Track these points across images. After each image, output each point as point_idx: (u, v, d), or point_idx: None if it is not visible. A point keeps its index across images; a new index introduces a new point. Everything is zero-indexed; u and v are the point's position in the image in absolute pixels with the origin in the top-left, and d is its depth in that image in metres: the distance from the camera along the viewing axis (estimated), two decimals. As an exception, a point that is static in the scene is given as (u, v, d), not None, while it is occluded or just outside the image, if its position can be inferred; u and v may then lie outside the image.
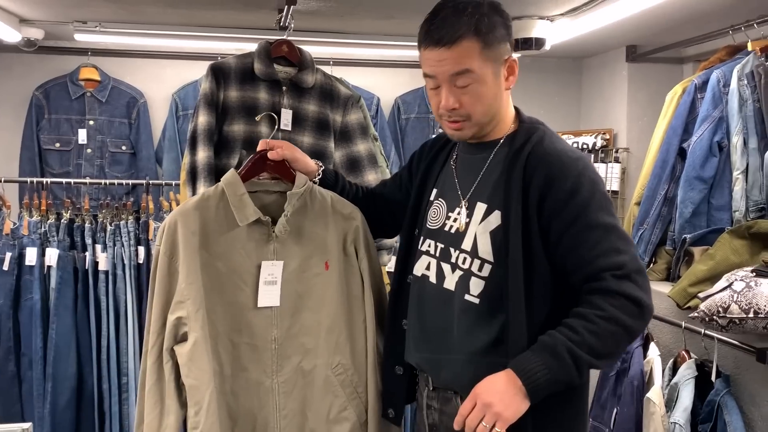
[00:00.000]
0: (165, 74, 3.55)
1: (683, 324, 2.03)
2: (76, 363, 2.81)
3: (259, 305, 1.65)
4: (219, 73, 2.23)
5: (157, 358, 1.60)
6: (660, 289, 2.28)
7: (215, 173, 2.21)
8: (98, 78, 3.38)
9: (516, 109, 1.53)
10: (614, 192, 3.30)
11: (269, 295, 1.67)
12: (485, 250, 1.43)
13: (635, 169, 3.28)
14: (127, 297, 2.85)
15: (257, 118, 2.10)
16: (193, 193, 2.18)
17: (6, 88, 3.40)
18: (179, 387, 1.60)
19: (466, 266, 1.45)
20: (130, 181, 3.09)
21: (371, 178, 2.34)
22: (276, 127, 2.24)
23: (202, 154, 2.17)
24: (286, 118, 2.27)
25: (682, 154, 2.35)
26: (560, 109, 3.88)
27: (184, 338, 1.60)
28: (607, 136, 3.45)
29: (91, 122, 3.37)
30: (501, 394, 1.29)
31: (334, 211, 1.71)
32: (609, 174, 3.30)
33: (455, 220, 1.51)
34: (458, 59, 1.40)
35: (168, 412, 1.60)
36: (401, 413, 1.65)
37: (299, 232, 1.68)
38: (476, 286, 1.43)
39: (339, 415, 1.69)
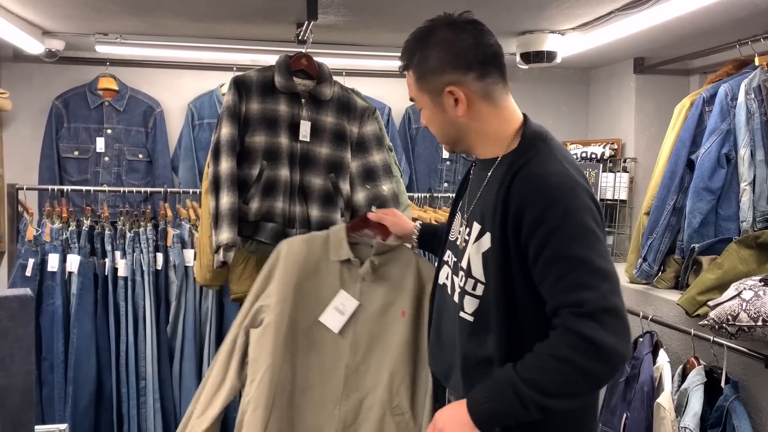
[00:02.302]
0: (181, 84, 3.62)
1: (692, 331, 2.08)
2: (96, 367, 2.87)
3: (319, 318, 1.93)
4: (241, 86, 2.30)
5: (236, 335, 1.95)
6: (669, 297, 2.33)
7: (238, 183, 2.28)
8: (116, 87, 3.46)
9: (525, 122, 1.48)
10: (622, 201, 3.36)
11: (332, 320, 1.93)
12: (478, 270, 1.43)
13: (643, 179, 3.34)
14: (146, 302, 2.91)
15: None
16: (216, 202, 2.25)
17: (26, 98, 3.47)
18: (243, 364, 1.93)
19: (462, 284, 1.48)
20: (148, 189, 3.16)
21: (386, 187, 2.40)
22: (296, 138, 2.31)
23: (225, 165, 2.24)
24: (305, 129, 2.34)
25: (690, 165, 2.41)
26: (569, 119, 3.95)
27: (261, 323, 1.93)
28: (615, 146, 3.51)
29: (109, 131, 3.44)
30: (453, 421, 1.35)
31: (417, 270, 1.95)
32: (617, 183, 3.36)
33: (461, 235, 1.55)
34: (408, 87, 1.53)
35: (226, 381, 1.93)
36: None
37: (385, 280, 1.95)
38: (470, 304, 1.45)
39: None
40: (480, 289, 1.43)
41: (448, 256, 1.59)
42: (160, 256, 2.96)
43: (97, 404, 2.88)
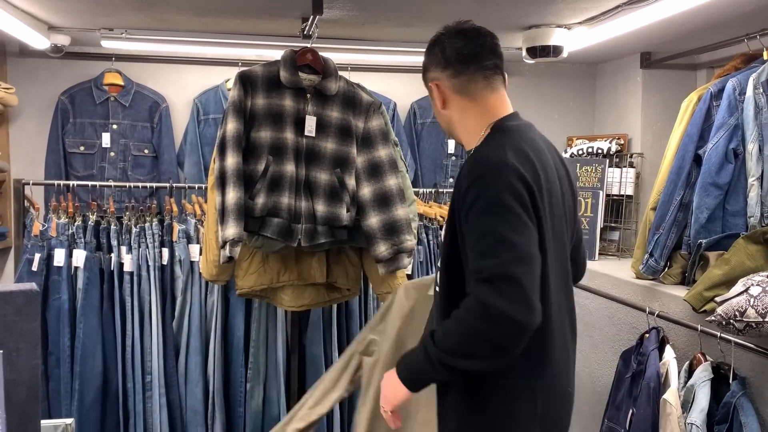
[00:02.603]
0: (186, 79, 3.62)
1: (699, 327, 2.07)
2: (102, 362, 2.88)
3: None
4: (247, 81, 2.30)
5: (350, 356, 2.34)
6: (675, 292, 2.32)
7: (243, 178, 2.28)
8: (122, 83, 3.46)
9: (504, 117, 1.59)
10: (629, 196, 3.34)
11: None
12: (443, 247, 1.60)
13: (649, 174, 3.32)
14: (152, 298, 2.92)
15: None
16: (222, 197, 2.25)
17: (32, 93, 3.48)
18: (351, 381, 2.34)
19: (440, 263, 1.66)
20: (154, 185, 3.15)
21: (392, 183, 2.40)
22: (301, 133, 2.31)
23: (231, 160, 2.24)
24: (310, 124, 2.34)
25: (697, 160, 2.39)
26: (575, 114, 3.93)
27: (372, 354, 2.29)
28: (622, 141, 3.50)
29: (115, 126, 3.44)
30: (387, 379, 1.57)
31: None
32: (623, 179, 3.34)
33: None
34: None
35: (335, 390, 2.33)
36: None
37: None
38: (439, 277, 1.61)
39: None
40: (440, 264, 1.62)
41: None
42: (165, 251, 2.97)
43: (103, 399, 2.89)
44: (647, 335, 2.26)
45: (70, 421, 1.61)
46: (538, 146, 1.57)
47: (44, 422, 1.59)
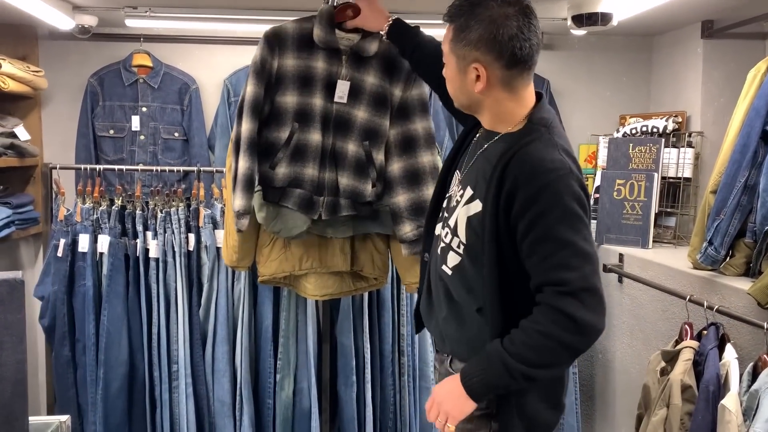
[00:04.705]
0: (217, 60, 3.51)
1: (765, 325, 1.84)
2: (128, 350, 2.81)
3: None
4: (274, 40, 2.13)
5: None
6: (738, 285, 2.08)
7: (265, 146, 2.14)
8: (150, 64, 3.37)
9: (536, 104, 1.56)
10: (687, 179, 3.07)
11: None
12: (461, 231, 1.57)
13: (710, 155, 3.05)
14: (177, 284, 2.83)
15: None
16: (236, 165, 2.12)
17: (62, 76, 3.42)
18: None
19: (447, 240, 1.62)
20: (181, 168, 3.05)
21: (425, 159, 2.22)
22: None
23: (246, 126, 2.10)
24: (342, 90, 2.16)
25: (765, 137, 2.14)
26: (628, 90, 3.65)
27: None
28: (680, 119, 3.22)
29: (144, 109, 3.36)
30: (449, 394, 1.51)
31: None
32: (681, 159, 3.07)
33: (456, 193, 1.65)
34: (443, 36, 1.59)
35: None
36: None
37: None
38: (452, 259, 1.60)
39: None
40: (461, 249, 1.57)
41: (444, 209, 1.70)
42: (192, 237, 2.87)
43: (129, 387, 2.83)
44: (705, 332, 2.04)
45: (65, 418, 1.51)
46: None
47: (38, 419, 1.49)
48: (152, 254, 2.83)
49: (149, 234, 2.85)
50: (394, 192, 2.23)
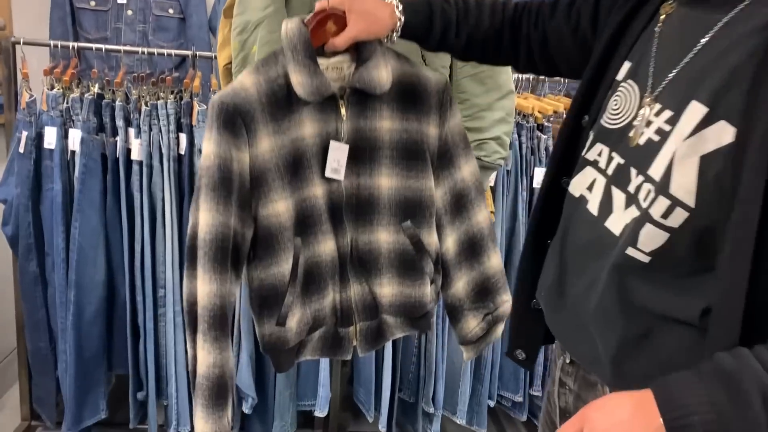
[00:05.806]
0: None
1: None
2: (105, 270, 2.35)
3: None
4: (237, 120, 1.29)
5: None
6: None
7: (261, 295, 1.41)
8: None
9: None
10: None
11: None
12: (683, 185, 0.88)
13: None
14: (165, 195, 2.33)
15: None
16: (191, 286, 1.38)
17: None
18: None
19: (645, 204, 0.93)
20: (173, 51, 2.47)
21: (481, 217, 1.52)
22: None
23: (211, 287, 1.32)
24: (337, 159, 1.37)
25: None
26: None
27: None
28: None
29: (132, -23, 2.76)
30: (622, 427, 0.79)
31: None
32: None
33: (642, 120, 0.96)
34: None
35: None
36: (535, 356, 1.24)
37: None
38: (652, 238, 0.92)
39: None
40: (676, 218, 0.89)
41: (600, 152, 1.04)
42: (183, 137, 2.34)
43: (107, 314, 2.40)
44: None
45: None
46: None
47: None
48: (135, 156, 2.31)
49: (131, 131, 2.32)
50: (449, 278, 1.56)
